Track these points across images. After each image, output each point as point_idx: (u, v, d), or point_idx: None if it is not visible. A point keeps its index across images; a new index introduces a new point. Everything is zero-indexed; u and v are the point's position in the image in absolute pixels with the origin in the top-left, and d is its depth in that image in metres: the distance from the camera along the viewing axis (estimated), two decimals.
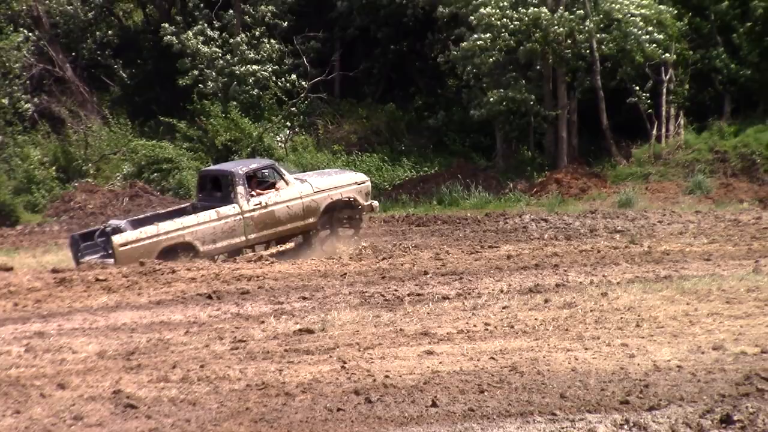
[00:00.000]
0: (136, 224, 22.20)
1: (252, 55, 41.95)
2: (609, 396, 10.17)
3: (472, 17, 37.52)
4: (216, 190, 23.07)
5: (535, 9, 36.85)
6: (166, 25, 42.01)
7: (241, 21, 42.92)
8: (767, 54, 40.29)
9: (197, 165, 36.93)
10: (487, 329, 13.51)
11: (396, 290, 16.81)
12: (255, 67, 41.61)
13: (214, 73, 41.44)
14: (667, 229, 24.78)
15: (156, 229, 21.34)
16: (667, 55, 38.71)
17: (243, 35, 42.22)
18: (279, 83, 42.34)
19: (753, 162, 36.40)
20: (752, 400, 9.68)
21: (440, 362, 11.84)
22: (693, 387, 10.30)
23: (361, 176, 24.87)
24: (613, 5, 37.64)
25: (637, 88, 39.17)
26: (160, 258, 20.88)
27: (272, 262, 20.59)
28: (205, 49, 41.58)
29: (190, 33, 41.46)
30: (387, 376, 11.26)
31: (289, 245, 23.43)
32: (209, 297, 16.77)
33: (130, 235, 21.20)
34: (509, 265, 19.20)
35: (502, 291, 16.34)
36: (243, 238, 22.27)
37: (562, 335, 12.96)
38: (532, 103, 38.28)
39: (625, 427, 9.17)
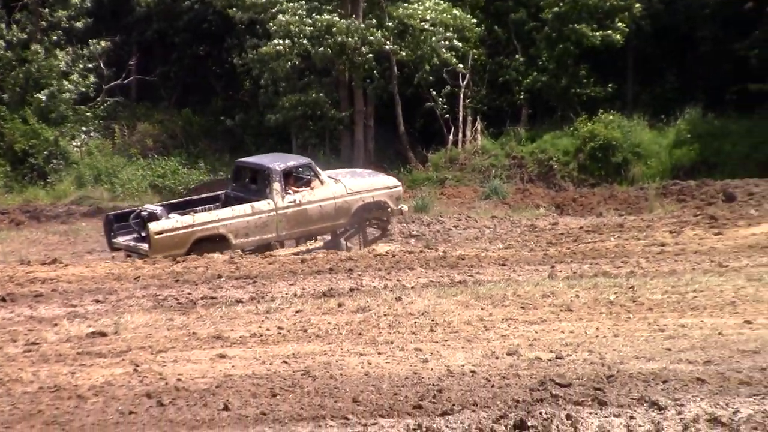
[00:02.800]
0: (170, 209, 23.37)
1: (50, 59, 41.30)
2: (402, 401, 10.37)
3: (270, 23, 37.87)
4: (251, 183, 24.32)
5: (328, 17, 37.44)
6: None
7: (38, 25, 42.19)
8: (563, 61, 41.85)
9: None
10: (280, 333, 13.67)
11: (189, 293, 16.89)
12: (53, 72, 41.01)
13: (10, 79, 40.72)
14: (462, 234, 25.52)
15: (192, 219, 22.53)
16: (461, 65, 39.84)
17: (40, 40, 41.70)
18: (76, 87, 41.92)
19: (550, 168, 37.75)
20: (546, 405, 9.95)
21: (233, 366, 11.94)
22: (487, 392, 10.57)
23: (393, 180, 26.11)
24: (407, 12, 38.46)
25: (435, 93, 40.18)
26: (193, 248, 22.11)
27: (66, 265, 20.33)
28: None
29: None
30: (179, 380, 11.29)
31: (318, 243, 24.78)
32: (2, 299, 16.49)
33: (167, 223, 22.27)
34: (303, 269, 19.43)
35: (295, 295, 16.59)
36: (274, 234, 23.49)
37: (355, 339, 13.19)
38: (327, 107, 38.88)
39: (418, 431, 9.41)
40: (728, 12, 44.34)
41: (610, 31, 41.59)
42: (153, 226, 21.97)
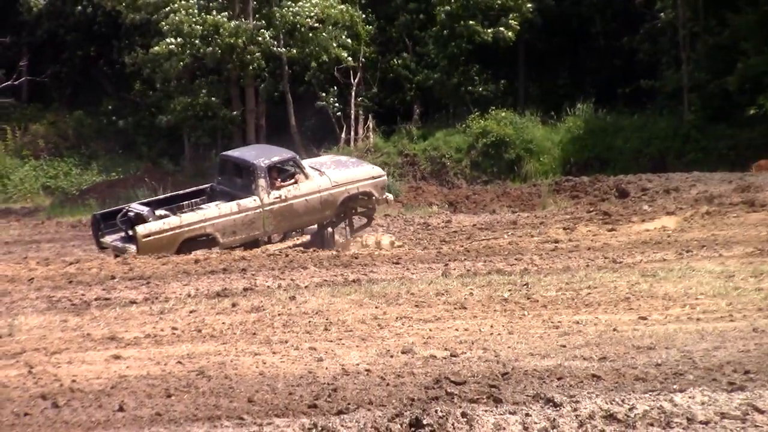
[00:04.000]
0: (155, 206, 23.47)
1: None
2: (297, 400, 10.40)
3: (163, 23, 37.65)
4: (236, 177, 24.37)
5: (217, 17, 37.44)
6: None
7: None
8: (454, 59, 42.23)
9: None
10: (174, 333, 13.65)
11: (83, 295, 16.79)
12: None
13: None
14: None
15: (179, 220, 22.69)
16: (350, 59, 40.08)
17: None
18: None
19: (442, 165, 38.01)
20: (441, 403, 10.02)
21: (127, 366, 11.91)
22: (382, 391, 10.65)
23: (378, 170, 26.07)
24: (295, 9, 38.56)
25: (325, 93, 40.38)
26: (181, 248, 22.28)
27: None
28: None
29: None
30: (74, 381, 11.24)
31: (305, 237, 25.00)
32: None
33: (154, 225, 22.35)
34: (197, 269, 19.40)
35: (189, 295, 16.59)
36: (261, 231, 23.66)
37: (250, 339, 13.21)
38: (218, 107, 38.91)
39: (314, 431, 9.41)
40: (618, 7, 45.14)
41: (501, 28, 42.03)
42: (140, 230, 22.11)
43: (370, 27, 43.29)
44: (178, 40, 37.46)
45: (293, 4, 39.16)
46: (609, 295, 15.45)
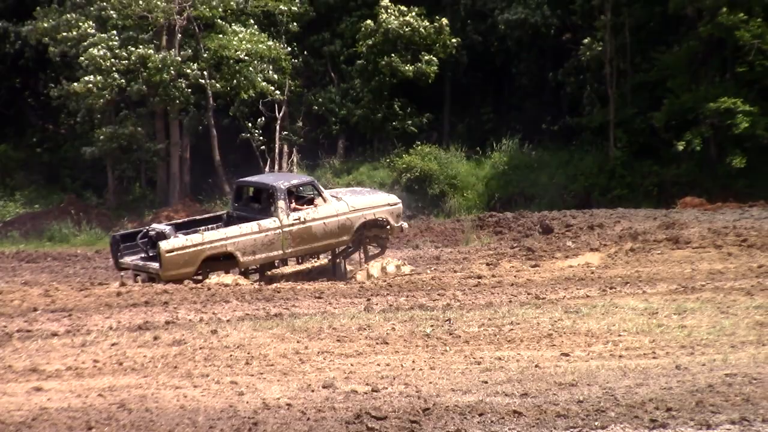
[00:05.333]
0: (175, 229, 23.68)
1: None
2: None
3: (82, 57, 37.78)
4: (254, 202, 25.07)
5: (142, 50, 37.63)
6: None
7: None
8: (379, 94, 42.58)
9: None
10: (96, 366, 13.64)
11: (5, 326, 16.62)
12: None
13: None
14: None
15: (201, 237, 22.93)
16: (278, 92, 40.36)
17: None
18: None
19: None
20: None
21: (48, 399, 11.89)
22: (303, 425, 10.73)
23: (393, 198, 26.35)
24: (222, 43, 38.87)
25: (251, 125, 40.63)
26: (201, 267, 22.86)
27: None
28: None
29: None
30: None
31: (323, 260, 25.18)
32: None
33: (177, 242, 22.70)
34: (119, 302, 19.34)
35: (111, 328, 16.53)
36: (280, 252, 23.95)
37: (171, 372, 13.23)
38: (143, 140, 39.13)
39: None
40: (544, 43, 45.71)
41: (422, 65, 42.51)
42: (164, 245, 22.40)
43: (296, 61, 43.58)
44: (98, 78, 37.62)
45: (222, 38, 39.40)
46: (531, 331, 15.61)
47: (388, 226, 25.56)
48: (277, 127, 42.46)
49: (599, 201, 38.34)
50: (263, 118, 42.24)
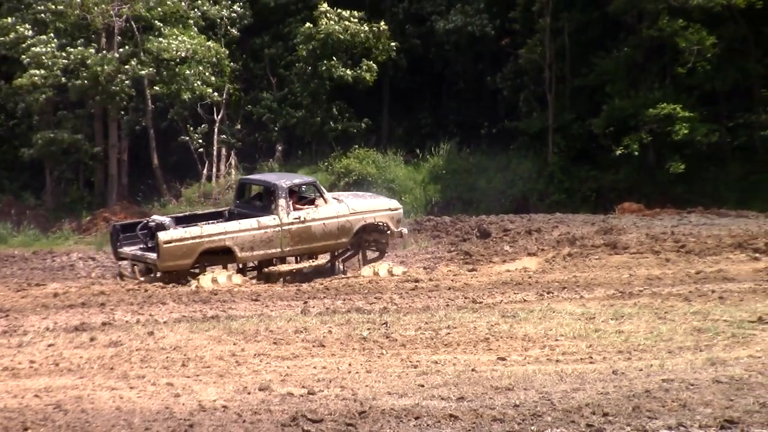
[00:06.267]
0: (178, 221, 24.24)
1: None
2: None
3: (23, 55, 37.67)
4: (255, 199, 25.49)
5: (82, 49, 37.64)
6: None
7: None
8: (318, 97, 42.64)
9: None
10: (32, 367, 13.60)
11: None
12: None
13: None
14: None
15: (200, 230, 23.44)
16: (216, 94, 40.43)
17: None
18: None
19: None
20: None
21: None
22: (238, 427, 10.71)
23: (394, 203, 26.73)
24: (162, 45, 38.86)
25: (190, 127, 40.62)
26: (198, 260, 23.23)
27: None
28: None
29: None
30: None
31: (321, 261, 25.40)
32: None
33: (176, 233, 23.10)
34: (56, 303, 19.39)
35: (47, 329, 16.50)
36: (279, 249, 24.31)
37: (107, 374, 13.19)
38: (81, 141, 39.05)
39: None
40: (482, 48, 45.94)
41: (360, 72, 42.65)
42: (162, 236, 22.73)
43: (235, 64, 43.61)
44: (42, 72, 37.50)
45: (163, 41, 39.36)
46: (468, 335, 15.65)
47: (388, 231, 25.80)
48: (216, 130, 42.47)
49: (537, 206, 38.57)
50: (204, 124, 42.30)
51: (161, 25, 40.68)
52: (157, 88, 39.98)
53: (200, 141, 42.07)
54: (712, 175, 39.42)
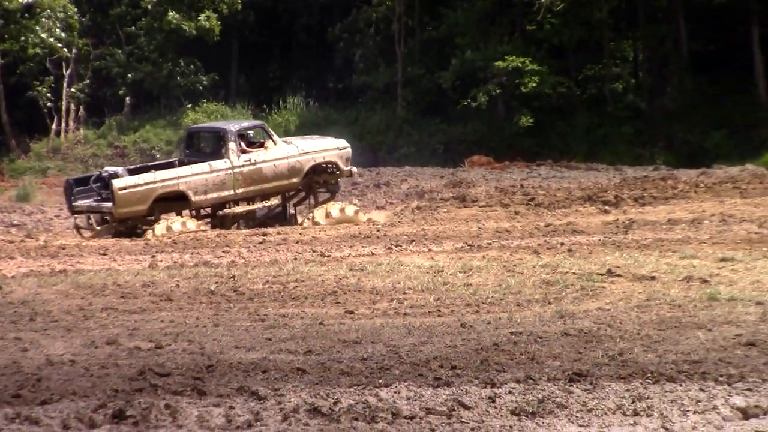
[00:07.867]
0: (131, 173, 24.46)
1: None
2: (1, 390, 10.25)
3: None
4: (206, 146, 26.17)
5: None
6: None
7: None
8: (165, 52, 42.46)
9: None
10: None
11: None
12: None
13: None
14: (64, 224, 25.33)
15: (153, 176, 23.97)
16: (64, 50, 39.96)
17: None
18: None
19: (152, 157, 37.99)
20: (145, 395, 10.00)
21: None
22: (86, 382, 10.59)
23: (342, 142, 27.34)
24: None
25: (38, 83, 40.12)
26: (153, 205, 23.72)
27: None
28: None
29: None
30: None
31: (274, 200, 26.13)
32: None
33: (129, 180, 23.75)
34: None
35: None
36: (232, 192, 24.92)
37: None
38: None
39: (17, 420, 9.30)
40: (328, 2, 45.98)
41: (202, 21, 42.48)
42: (117, 183, 23.33)
43: (84, 19, 43.03)
44: None
45: None
46: (316, 288, 15.74)
47: (338, 171, 26.36)
48: (65, 86, 41.99)
49: (386, 159, 38.86)
50: (52, 77, 41.72)
51: None
52: (5, 44, 39.28)
53: (49, 96, 41.51)
54: (560, 128, 40.16)
